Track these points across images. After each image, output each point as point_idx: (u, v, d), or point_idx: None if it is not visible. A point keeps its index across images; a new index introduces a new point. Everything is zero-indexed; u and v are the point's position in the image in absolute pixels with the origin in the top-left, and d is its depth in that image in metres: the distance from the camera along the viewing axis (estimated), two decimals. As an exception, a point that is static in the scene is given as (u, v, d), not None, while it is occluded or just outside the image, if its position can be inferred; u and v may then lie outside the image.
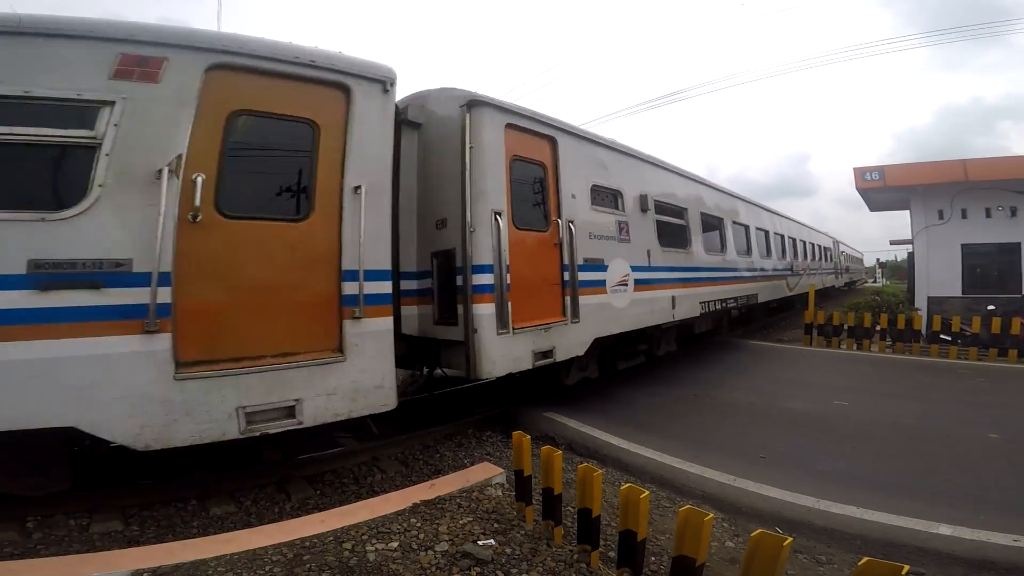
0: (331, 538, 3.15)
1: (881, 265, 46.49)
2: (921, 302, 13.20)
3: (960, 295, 13.15)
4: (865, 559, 1.83)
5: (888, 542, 3.18)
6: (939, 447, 4.90)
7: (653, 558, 3.14)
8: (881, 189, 13.31)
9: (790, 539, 2.05)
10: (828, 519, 3.50)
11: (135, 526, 4.00)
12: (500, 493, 3.83)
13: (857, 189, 13.54)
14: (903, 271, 30.12)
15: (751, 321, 15.06)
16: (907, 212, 14.24)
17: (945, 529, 3.21)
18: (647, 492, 2.65)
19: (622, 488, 2.75)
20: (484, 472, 4.18)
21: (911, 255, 15.17)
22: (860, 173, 13.15)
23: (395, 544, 3.04)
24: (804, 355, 10.53)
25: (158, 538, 3.77)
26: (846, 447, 4.99)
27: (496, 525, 3.25)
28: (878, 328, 10.80)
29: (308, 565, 2.86)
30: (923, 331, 10.63)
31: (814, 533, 3.41)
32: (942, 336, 10.11)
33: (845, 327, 11.25)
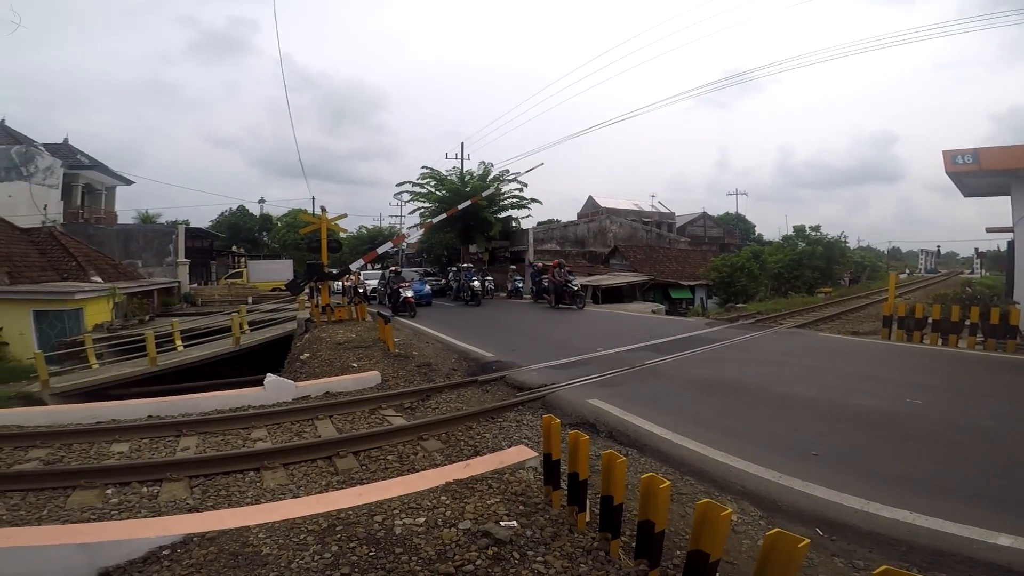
0: (365, 511, 3.31)
1: (980, 255, 41.92)
2: (1021, 295, 11.90)
3: (1067, 288, 11.75)
4: (882, 568, 1.71)
5: (935, 550, 2.93)
6: (1020, 453, 4.44)
7: (679, 552, 3.06)
8: (975, 173, 12.02)
9: (806, 541, 1.95)
10: (875, 523, 3.27)
11: (198, 494, 4.36)
12: (532, 476, 3.87)
13: (947, 173, 12.31)
14: (1005, 261, 27.22)
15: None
16: (1008, 198, 12.80)
17: (1005, 540, 2.91)
18: (667, 483, 2.59)
19: (643, 477, 2.69)
20: (519, 455, 4.23)
21: (1011, 244, 13.67)
22: (950, 156, 11.92)
23: (422, 520, 3.14)
24: (880, 349, 9.82)
25: (215, 506, 4.10)
26: (911, 448, 4.63)
27: (522, 507, 3.29)
28: (967, 323, 9.86)
29: (339, 535, 3.02)
30: (1020, 327, 9.61)
31: (857, 537, 3.20)
32: (1043, 333, 9.10)
33: (929, 320, 10.35)
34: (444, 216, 21.87)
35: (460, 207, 21.36)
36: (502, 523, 3.06)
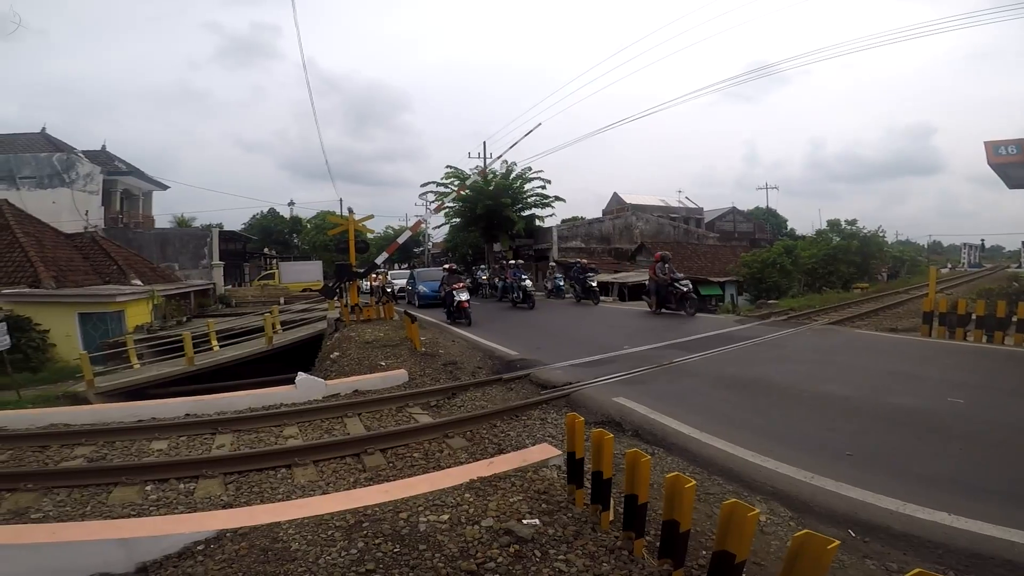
0: (390, 508, 3.35)
1: None
2: (1074, 288, 11.35)
3: (1125, 280, 11.15)
4: (916, 570, 1.65)
5: (974, 553, 2.82)
6: (1071, 454, 4.24)
7: (704, 552, 3.02)
8: (1020, 164, 11.58)
9: (835, 542, 1.90)
10: (910, 524, 3.16)
11: (232, 490, 4.48)
12: (555, 475, 3.86)
13: (990, 164, 11.88)
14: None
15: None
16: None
17: (1051, 545, 2.79)
18: (693, 482, 2.55)
19: (668, 476, 2.66)
20: (542, 453, 4.23)
21: (1063, 234, 13.07)
22: (993, 147, 11.50)
23: (445, 517, 3.17)
24: (920, 347, 9.47)
25: (248, 502, 4.21)
26: (952, 448, 4.46)
27: (544, 506, 3.29)
28: (1015, 319, 9.43)
29: (365, 531, 3.07)
30: (1073, 321, 9.14)
31: (891, 539, 3.10)
32: (1097, 328, 8.63)
33: (973, 316, 9.93)
34: (453, 196, 22.34)
35: (467, 182, 21.79)
36: (524, 521, 3.06)
